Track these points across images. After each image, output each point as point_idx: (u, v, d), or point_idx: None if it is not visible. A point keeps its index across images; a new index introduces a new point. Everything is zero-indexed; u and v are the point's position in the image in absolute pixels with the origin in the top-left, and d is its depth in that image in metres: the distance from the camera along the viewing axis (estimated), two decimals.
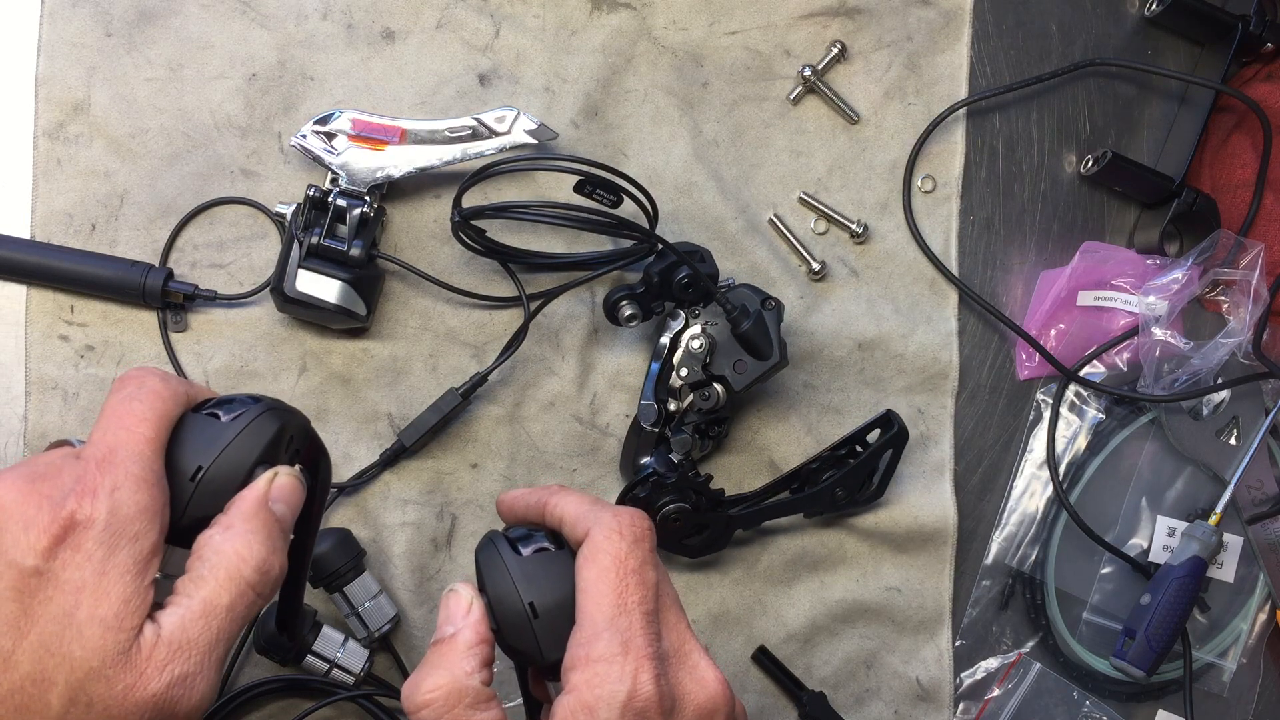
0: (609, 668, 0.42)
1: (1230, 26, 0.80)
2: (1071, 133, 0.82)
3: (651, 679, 0.42)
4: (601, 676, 0.41)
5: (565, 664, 0.43)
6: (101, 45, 0.70)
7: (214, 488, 0.42)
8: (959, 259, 0.79)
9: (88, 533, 0.38)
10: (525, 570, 0.46)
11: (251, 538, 0.40)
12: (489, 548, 0.47)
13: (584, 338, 0.74)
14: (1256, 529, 0.81)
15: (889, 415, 0.71)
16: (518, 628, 0.45)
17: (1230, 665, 0.81)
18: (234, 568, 0.40)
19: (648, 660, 0.42)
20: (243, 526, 0.41)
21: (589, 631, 0.43)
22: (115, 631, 0.37)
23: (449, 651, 0.43)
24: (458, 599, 0.45)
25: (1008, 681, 0.78)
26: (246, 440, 0.43)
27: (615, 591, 0.43)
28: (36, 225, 0.69)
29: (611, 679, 0.41)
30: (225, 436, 0.42)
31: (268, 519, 0.41)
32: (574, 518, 0.46)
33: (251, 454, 0.43)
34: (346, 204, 0.68)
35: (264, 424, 0.43)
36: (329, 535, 0.67)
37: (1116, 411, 0.80)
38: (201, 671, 0.39)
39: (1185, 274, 0.77)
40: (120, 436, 0.40)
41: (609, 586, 0.43)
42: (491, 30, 0.74)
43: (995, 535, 0.79)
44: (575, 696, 0.42)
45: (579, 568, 0.45)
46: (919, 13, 0.79)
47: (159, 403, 0.42)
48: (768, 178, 0.77)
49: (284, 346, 0.71)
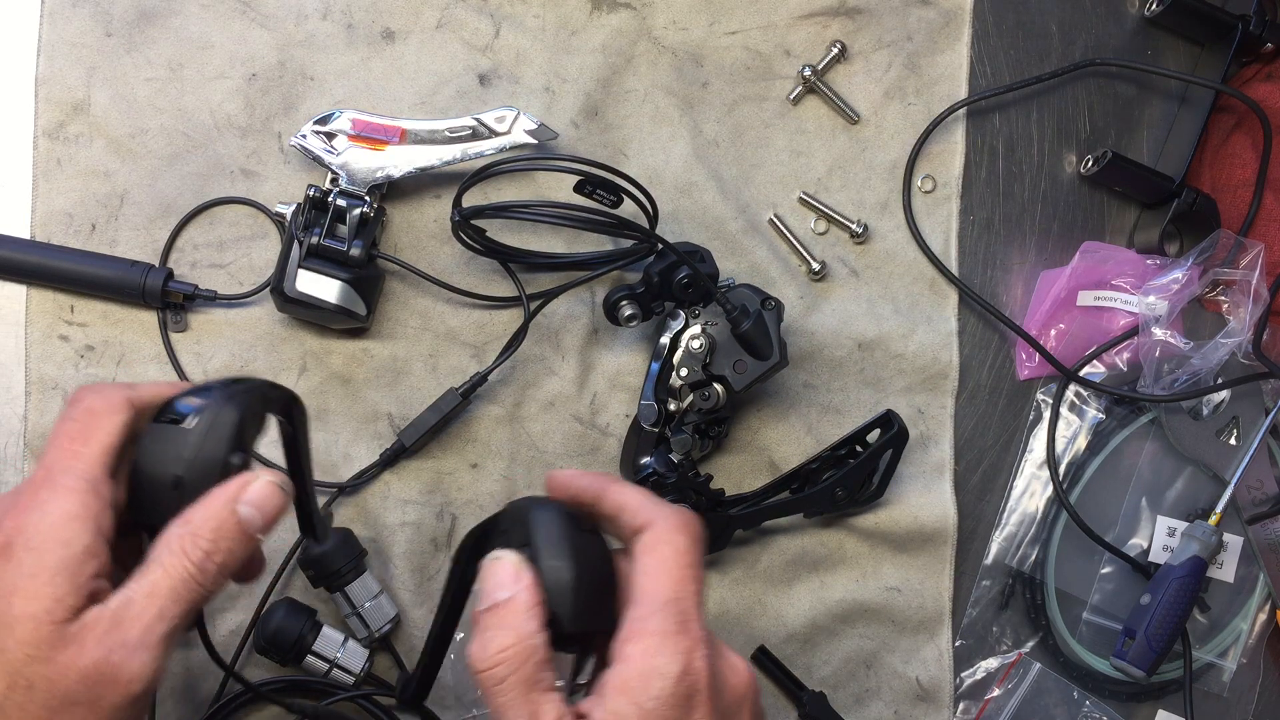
0: (665, 641, 0.44)
1: (1230, 26, 0.80)
2: (1071, 133, 0.82)
3: (704, 658, 0.44)
4: (658, 648, 0.44)
5: (621, 637, 0.45)
6: (101, 45, 0.70)
7: (196, 491, 0.44)
8: (959, 259, 0.79)
9: (17, 543, 0.42)
10: (577, 543, 0.47)
11: (202, 529, 0.44)
12: (546, 513, 0.48)
13: (584, 338, 0.74)
14: (1256, 529, 0.81)
15: (889, 415, 0.71)
16: (562, 594, 0.46)
17: (1230, 665, 0.81)
18: (177, 557, 0.43)
19: (701, 642, 0.45)
20: (198, 519, 0.44)
21: (648, 608, 0.45)
22: (47, 624, 0.41)
23: (509, 613, 0.45)
24: (504, 565, 0.46)
25: (1008, 681, 0.78)
26: (213, 440, 0.45)
27: (674, 579, 0.46)
28: (36, 225, 0.69)
29: (667, 652, 0.44)
30: (188, 440, 0.45)
31: (224, 517, 0.44)
32: (635, 508, 0.48)
33: (221, 449, 0.45)
34: (346, 204, 0.68)
35: (225, 419, 0.45)
36: (329, 535, 0.67)
37: (1116, 411, 0.80)
38: (141, 644, 0.41)
39: (1185, 274, 0.77)
40: (55, 457, 0.44)
41: (669, 573, 0.46)
42: (491, 30, 0.74)
43: (995, 535, 0.79)
44: (630, 665, 0.44)
45: (639, 553, 0.47)
46: (919, 13, 0.79)
47: (93, 419, 0.45)
48: (768, 178, 0.77)
49: (284, 346, 0.71)
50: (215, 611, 0.69)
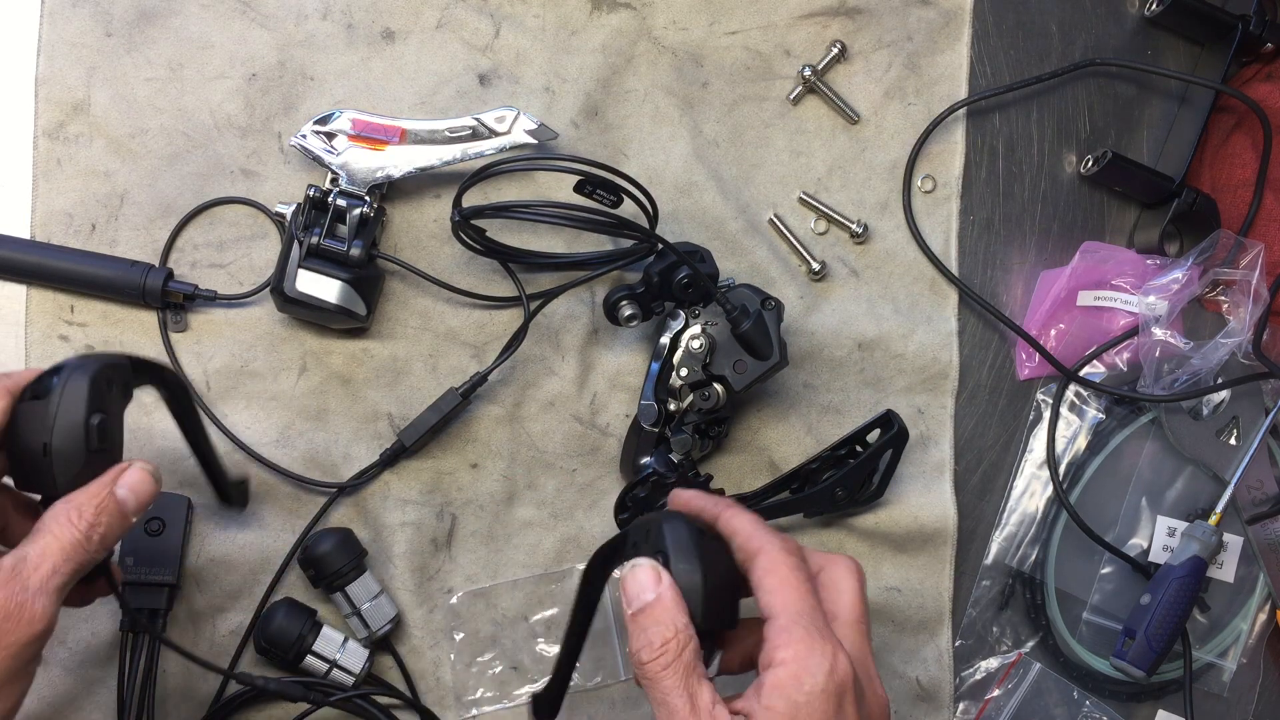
0: (813, 644, 0.48)
1: (1230, 26, 0.80)
2: (1071, 133, 0.82)
3: (847, 661, 0.48)
4: (808, 651, 0.48)
5: (770, 646, 0.49)
6: (101, 45, 0.70)
7: (67, 453, 0.50)
8: (959, 259, 0.79)
9: None
10: (705, 549, 0.52)
11: (84, 505, 0.50)
12: (675, 523, 0.53)
13: (584, 338, 0.74)
14: (1256, 529, 0.81)
15: (889, 415, 0.71)
16: (694, 593, 0.50)
17: (1230, 665, 0.81)
18: (65, 527, 0.49)
19: (840, 649, 0.49)
20: (81, 497, 0.50)
21: (787, 618, 0.49)
22: None
23: (660, 610, 0.50)
24: (645, 570, 0.51)
25: (1008, 681, 0.78)
26: (69, 407, 0.51)
27: (802, 593, 0.50)
28: (36, 225, 0.69)
29: (816, 653, 0.48)
30: (50, 411, 0.50)
31: (105, 497, 0.50)
32: (748, 533, 0.53)
33: (79, 413, 0.51)
34: (346, 204, 0.68)
35: (76, 386, 0.51)
36: (330, 535, 0.67)
37: (1116, 411, 0.80)
38: (41, 590, 0.48)
39: (1185, 274, 0.77)
40: None
41: (796, 589, 0.50)
42: (491, 30, 0.74)
43: (995, 535, 0.79)
44: (785, 668, 0.48)
45: (761, 575, 0.51)
46: (919, 13, 0.79)
47: None
48: (768, 178, 0.77)
49: (284, 346, 0.71)
50: (215, 611, 0.69)
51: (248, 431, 0.70)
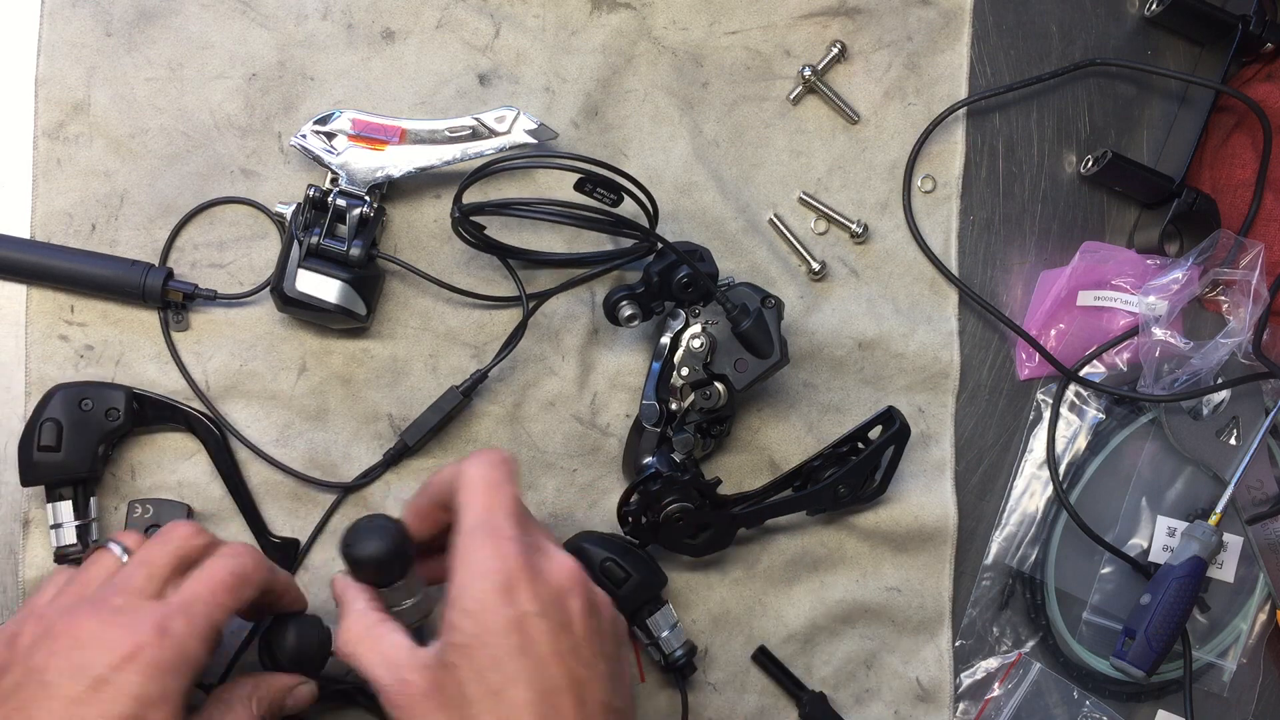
0: (475, 551, 0.51)
1: (1230, 26, 0.80)
2: (1071, 133, 0.82)
3: (515, 554, 0.51)
4: (470, 559, 0.51)
5: (447, 565, 0.53)
6: (101, 45, 0.70)
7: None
8: (959, 259, 0.79)
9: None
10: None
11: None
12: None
13: (584, 338, 0.74)
14: (1256, 529, 0.81)
15: (890, 412, 0.71)
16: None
17: (1230, 665, 0.81)
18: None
19: (509, 540, 0.51)
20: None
21: (462, 537, 0.52)
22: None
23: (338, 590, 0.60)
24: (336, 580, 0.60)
25: (1008, 681, 0.78)
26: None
27: (481, 504, 0.53)
28: (36, 225, 0.69)
29: (477, 559, 0.51)
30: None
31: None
32: (444, 478, 0.57)
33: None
34: (346, 204, 0.68)
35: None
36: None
37: (1116, 411, 0.80)
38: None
39: (1185, 274, 0.77)
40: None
41: (476, 501, 0.53)
42: (491, 30, 0.74)
43: (995, 535, 0.79)
44: (453, 583, 0.51)
45: (456, 501, 0.54)
46: (919, 13, 0.79)
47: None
48: (768, 178, 0.77)
49: (284, 346, 0.71)
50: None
51: (247, 431, 0.70)
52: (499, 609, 0.49)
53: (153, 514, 0.67)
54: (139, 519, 0.67)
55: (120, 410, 0.66)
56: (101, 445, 0.66)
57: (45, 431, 0.64)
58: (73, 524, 0.65)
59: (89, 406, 0.65)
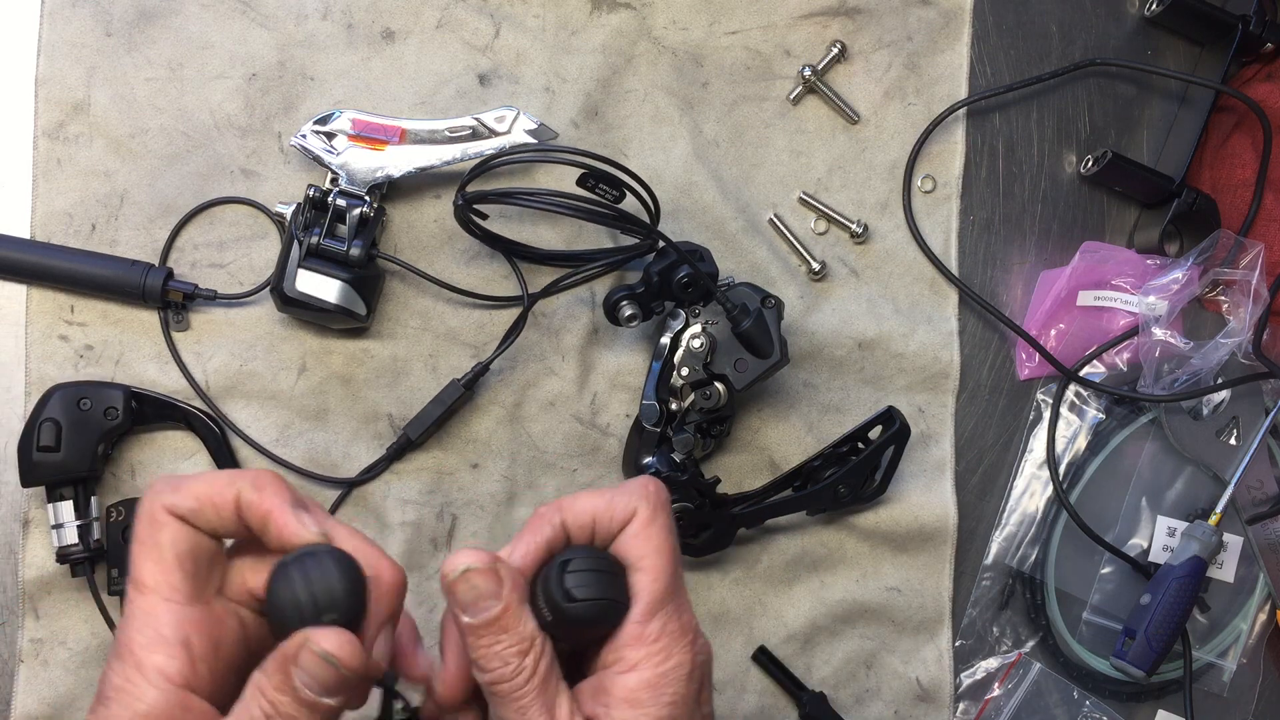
0: (672, 645, 0.43)
1: (1230, 26, 0.80)
2: (1071, 133, 0.82)
3: (704, 644, 0.44)
4: (666, 653, 0.43)
5: (621, 640, 0.43)
6: (101, 45, 0.70)
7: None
8: (959, 259, 0.79)
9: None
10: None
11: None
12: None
13: (584, 338, 0.74)
14: (1256, 529, 0.81)
15: (890, 412, 0.71)
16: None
17: (1230, 665, 0.81)
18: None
19: (698, 630, 0.44)
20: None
21: (646, 610, 0.44)
22: None
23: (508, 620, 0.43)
24: (481, 577, 0.44)
25: (1008, 681, 0.78)
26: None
27: (667, 569, 0.44)
28: (36, 225, 0.69)
29: (675, 655, 0.43)
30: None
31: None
32: (603, 506, 0.46)
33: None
34: (346, 204, 0.68)
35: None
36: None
37: (1116, 411, 0.80)
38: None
39: (1185, 274, 0.77)
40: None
41: (661, 562, 0.44)
42: (491, 30, 0.74)
43: (995, 535, 0.79)
44: (639, 674, 0.43)
45: (631, 543, 0.45)
46: (919, 13, 0.79)
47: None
48: (768, 178, 0.77)
49: (284, 346, 0.71)
50: None
51: (247, 431, 0.70)
52: (691, 707, 0.43)
53: (125, 516, 0.67)
54: (115, 523, 0.67)
55: (119, 409, 0.66)
56: (101, 445, 0.66)
57: (44, 431, 0.64)
58: (74, 524, 0.65)
59: (88, 406, 0.65)
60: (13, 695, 0.68)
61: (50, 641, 0.68)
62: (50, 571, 0.67)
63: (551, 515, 0.46)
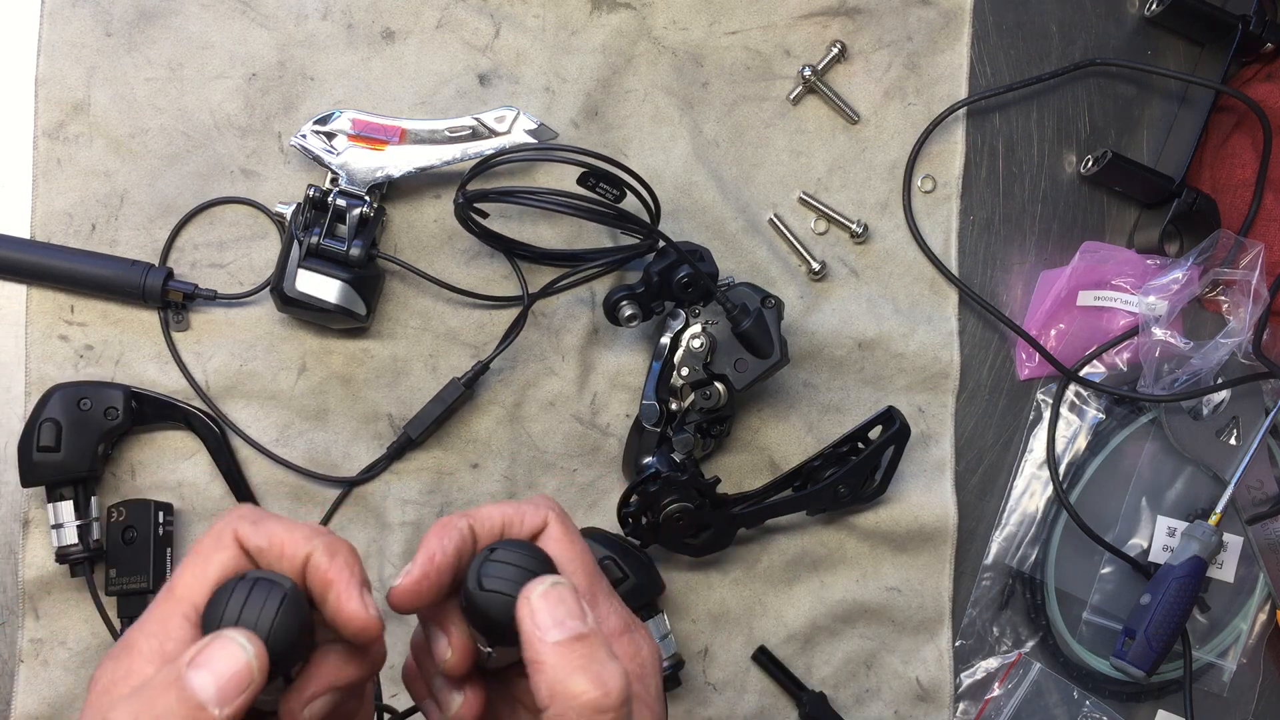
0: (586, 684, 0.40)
1: (1230, 26, 0.80)
2: (1071, 133, 0.82)
3: (623, 678, 0.41)
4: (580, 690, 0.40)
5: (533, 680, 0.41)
6: (101, 45, 0.70)
7: None
8: (959, 259, 0.79)
9: None
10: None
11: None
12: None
13: (584, 338, 0.74)
14: (1256, 529, 0.81)
15: (890, 412, 0.71)
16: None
17: (1230, 665, 0.81)
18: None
19: (614, 669, 0.41)
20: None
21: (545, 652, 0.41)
22: None
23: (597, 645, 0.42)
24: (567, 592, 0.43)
25: (1008, 681, 0.78)
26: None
27: (582, 582, 0.44)
28: (36, 225, 0.69)
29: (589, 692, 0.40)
30: None
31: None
32: (515, 512, 0.46)
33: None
34: (346, 204, 0.68)
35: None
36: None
37: (1116, 411, 0.80)
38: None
39: (1185, 274, 0.77)
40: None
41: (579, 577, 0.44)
42: (491, 30, 0.74)
43: (995, 535, 0.79)
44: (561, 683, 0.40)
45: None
46: (919, 13, 0.79)
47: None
48: (768, 178, 0.77)
49: (284, 346, 0.71)
50: None
51: (247, 431, 0.70)
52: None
53: (125, 516, 0.66)
54: (115, 523, 0.67)
55: (119, 409, 0.66)
56: (101, 444, 0.66)
57: (44, 432, 0.64)
58: (74, 524, 0.65)
59: (87, 406, 0.65)
60: (13, 695, 0.68)
61: (50, 641, 0.68)
62: (50, 571, 0.67)
63: (458, 521, 0.45)
